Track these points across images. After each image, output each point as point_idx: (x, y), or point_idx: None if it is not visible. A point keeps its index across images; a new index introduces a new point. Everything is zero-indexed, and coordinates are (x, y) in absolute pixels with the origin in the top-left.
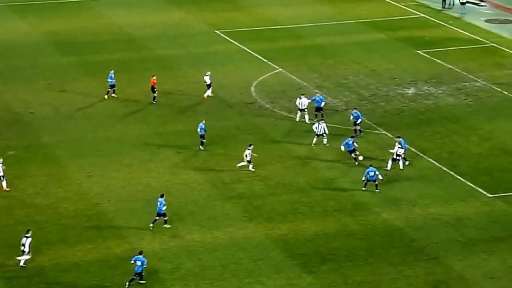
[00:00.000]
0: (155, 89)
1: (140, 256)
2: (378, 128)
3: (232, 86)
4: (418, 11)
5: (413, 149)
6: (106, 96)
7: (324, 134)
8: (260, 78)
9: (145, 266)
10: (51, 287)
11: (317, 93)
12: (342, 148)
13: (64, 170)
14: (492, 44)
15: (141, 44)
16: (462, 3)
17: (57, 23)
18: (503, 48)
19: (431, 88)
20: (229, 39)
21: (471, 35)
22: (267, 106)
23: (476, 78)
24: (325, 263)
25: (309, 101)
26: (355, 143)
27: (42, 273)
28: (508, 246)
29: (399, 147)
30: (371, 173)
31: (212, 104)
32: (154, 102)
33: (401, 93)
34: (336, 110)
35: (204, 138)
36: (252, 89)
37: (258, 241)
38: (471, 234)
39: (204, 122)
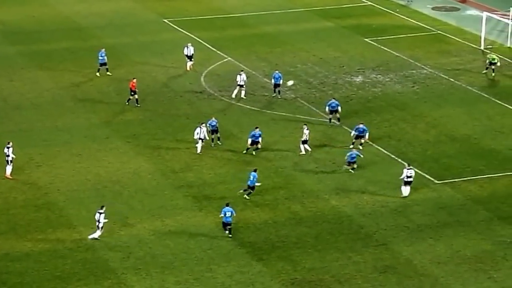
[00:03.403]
0: (135, 92)
1: (228, 207)
2: (326, 116)
3: (181, 75)
4: None
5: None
6: (98, 74)
7: (203, 139)
8: (209, 67)
9: (234, 215)
10: (1, 277)
11: (277, 70)
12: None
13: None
14: (439, 32)
15: (89, 33)
16: None
17: (4, 12)
18: (449, 36)
19: (379, 76)
20: (177, 28)
21: (417, 22)
22: (216, 95)
23: (423, 66)
24: (274, 251)
25: (273, 80)
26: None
27: None
28: (455, 232)
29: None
30: (354, 155)
31: (161, 93)
32: (138, 105)
33: (349, 81)
34: (285, 99)
35: (215, 133)
36: (202, 78)
37: (208, 230)
38: (418, 220)
39: (215, 119)
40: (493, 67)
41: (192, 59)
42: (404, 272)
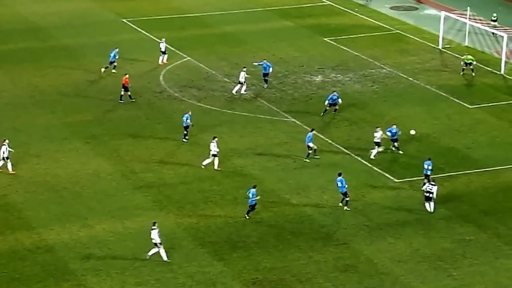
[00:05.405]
0: (127, 88)
1: (253, 189)
2: (286, 115)
3: (141, 75)
4: None
5: (322, 136)
6: (113, 71)
7: (216, 155)
8: (169, 67)
9: (254, 198)
10: None
11: (264, 59)
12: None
13: None
14: (397, 31)
15: (47, 33)
16: None
17: None
18: (407, 35)
19: (338, 75)
20: (136, 27)
21: (376, 22)
22: (176, 95)
23: (382, 65)
24: (236, 250)
25: (256, 64)
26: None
27: None
28: (414, 230)
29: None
30: (425, 166)
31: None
32: (132, 100)
33: (309, 81)
34: (245, 99)
35: (187, 129)
36: (161, 78)
37: (169, 230)
38: (378, 219)
39: (190, 113)
40: (471, 67)
41: (165, 54)
42: (365, 271)
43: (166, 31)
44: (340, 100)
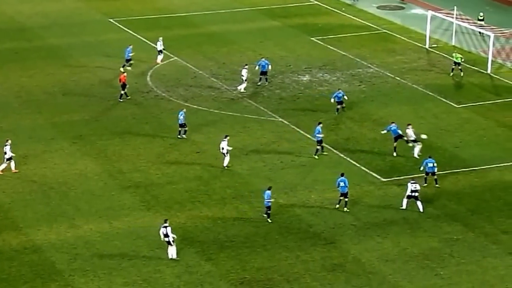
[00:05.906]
0: (126, 86)
1: (268, 191)
2: (274, 115)
3: (128, 75)
4: None
5: (309, 136)
6: (128, 68)
7: (225, 154)
8: (156, 67)
9: (269, 200)
10: None
11: (263, 58)
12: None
13: None
14: (384, 31)
15: (33, 33)
16: None
17: None
18: (394, 34)
19: (326, 74)
20: (123, 27)
21: (363, 21)
22: (163, 94)
23: (369, 65)
24: (223, 250)
25: (257, 67)
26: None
27: None
28: (401, 229)
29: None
30: (430, 164)
31: (107, 93)
32: (121, 100)
33: (296, 80)
34: (232, 99)
35: (185, 127)
36: (148, 78)
37: (156, 230)
38: (365, 218)
39: (184, 110)
40: (459, 67)
41: (162, 53)
42: (352, 270)
43: (153, 31)
44: (346, 97)
